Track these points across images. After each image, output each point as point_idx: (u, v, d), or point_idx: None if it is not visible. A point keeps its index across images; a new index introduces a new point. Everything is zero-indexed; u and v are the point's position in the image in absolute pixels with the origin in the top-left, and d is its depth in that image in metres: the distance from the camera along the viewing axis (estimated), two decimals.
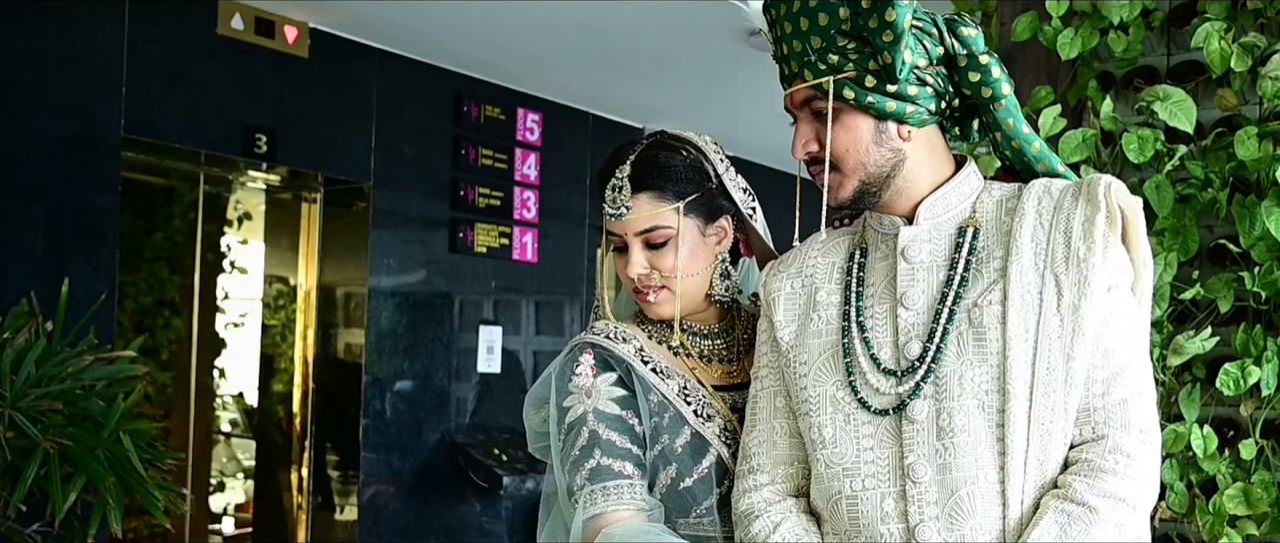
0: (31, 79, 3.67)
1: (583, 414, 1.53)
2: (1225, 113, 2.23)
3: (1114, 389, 1.31)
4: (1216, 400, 2.16)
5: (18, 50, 3.64)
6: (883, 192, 1.42)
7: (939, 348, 1.34)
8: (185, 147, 4.22)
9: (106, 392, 3.36)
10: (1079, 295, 1.30)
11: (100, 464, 3.18)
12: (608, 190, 1.57)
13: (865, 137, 1.39)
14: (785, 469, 1.47)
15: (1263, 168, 2.12)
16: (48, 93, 3.73)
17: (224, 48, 4.21)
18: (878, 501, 1.35)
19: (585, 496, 1.49)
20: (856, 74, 1.37)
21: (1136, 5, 2.30)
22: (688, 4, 3.90)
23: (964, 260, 1.37)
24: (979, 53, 1.39)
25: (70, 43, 3.78)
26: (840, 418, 1.39)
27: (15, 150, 3.64)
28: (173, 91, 4.08)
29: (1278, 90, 2.10)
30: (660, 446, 1.53)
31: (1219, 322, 2.15)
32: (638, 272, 1.57)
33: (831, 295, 1.46)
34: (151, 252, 5.34)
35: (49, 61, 3.73)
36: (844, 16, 1.36)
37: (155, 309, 5.40)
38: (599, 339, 1.58)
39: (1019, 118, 1.41)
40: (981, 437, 1.31)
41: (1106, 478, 1.27)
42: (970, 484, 1.31)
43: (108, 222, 3.89)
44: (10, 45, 3.62)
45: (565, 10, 4.08)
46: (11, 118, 3.63)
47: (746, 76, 4.76)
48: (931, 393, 1.34)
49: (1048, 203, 1.37)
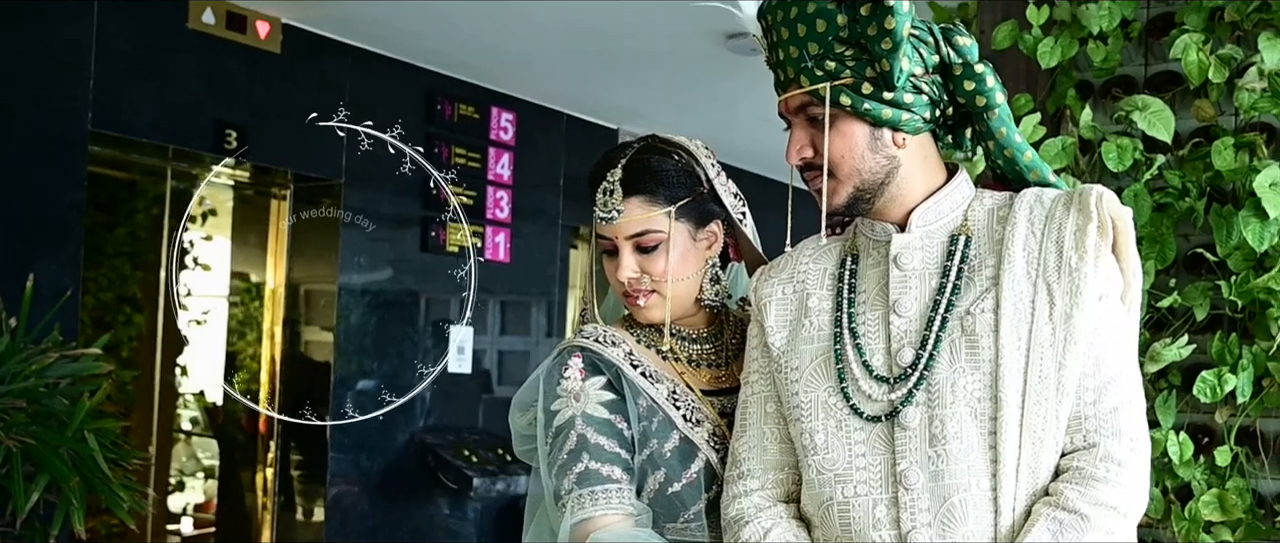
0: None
1: (571, 418, 1.52)
2: (1202, 123, 2.26)
3: (1105, 398, 1.32)
4: (1192, 407, 2.19)
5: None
6: (877, 198, 1.42)
7: (932, 355, 1.35)
8: (154, 142, 4.16)
9: (71, 390, 3.30)
10: (1071, 304, 1.31)
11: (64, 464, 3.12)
12: (599, 193, 1.56)
13: (861, 143, 1.39)
14: (775, 475, 1.47)
15: (1239, 178, 2.15)
16: (14, 86, 3.65)
17: (195, 42, 4.15)
18: (870, 507, 1.35)
19: (573, 500, 1.48)
20: (853, 81, 1.37)
21: (1116, 16, 2.32)
22: (666, 5, 3.90)
23: (956, 268, 1.38)
24: (974, 62, 1.40)
25: (38, 36, 3.71)
26: (832, 424, 1.39)
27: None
28: (142, 86, 4.02)
29: (1254, 102, 2.13)
30: (649, 450, 1.53)
31: (1195, 329, 2.18)
32: (628, 276, 1.56)
33: (823, 302, 1.46)
34: (113, 247, 5.26)
35: (16, 54, 3.66)
36: (842, 24, 1.36)
37: (116, 306, 5.32)
38: (588, 343, 1.57)
39: (1012, 127, 1.42)
40: (974, 444, 1.31)
41: (1098, 486, 1.28)
42: (963, 491, 1.31)
43: (73, 217, 3.82)
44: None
45: (541, 9, 4.07)
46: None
47: (724, 80, 4.76)
48: (924, 400, 1.34)
49: (1039, 212, 1.37)
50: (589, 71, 4.81)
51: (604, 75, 4.83)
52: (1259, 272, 2.07)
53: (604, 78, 4.87)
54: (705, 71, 4.69)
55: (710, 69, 4.63)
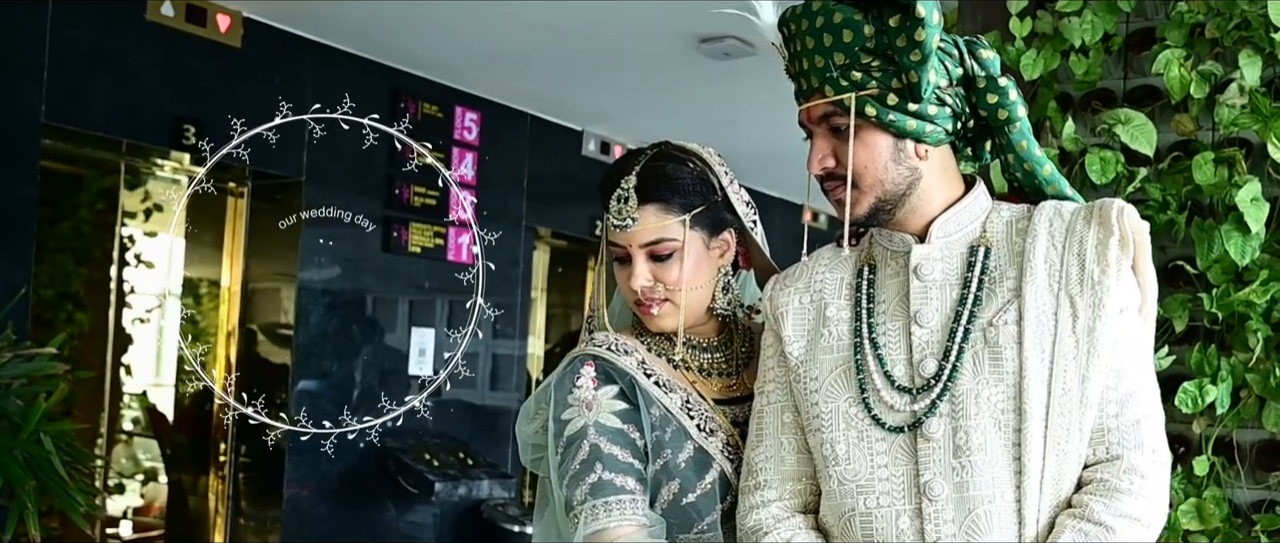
0: None
1: (583, 428, 1.50)
2: (1181, 137, 2.30)
3: (1127, 410, 1.34)
4: (1169, 417, 2.22)
5: None
6: (898, 209, 1.42)
7: (955, 366, 1.35)
8: (108, 136, 4.05)
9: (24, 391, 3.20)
10: (1094, 317, 1.33)
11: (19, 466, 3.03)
12: (613, 201, 1.54)
13: (884, 154, 1.40)
14: (793, 485, 1.46)
15: (1218, 192, 2.20)
16: None
17: (153, 35, 4.06)
18: (893, 518, 1.35)
19: (586, 511, 1.46)
20: (879, 91, 1.37)
21: (1098, 29, 2.36)
22: (638, 6, 3.88)
23: (977, 279, 1.39)
24: (997, 75, 1.41)
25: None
26: (853, 435, 1.39)
27: None
28: (98, 79, 3.92)
29: (1235, 118, 2.18)
30: (662, 460, 1.51)
31: (1173, 340, 2.22)
32: (641, 284, 1.55)
33: (841, 311, 1.46)
34: (56, 243, 5.11)
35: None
36: (869, 34, 1.36)
37: (57, 303, 5.17)
38: (601, 351, 1.55)
39: (1032, 141, 1.44)
40: (998, 455, 1.32)
41: (1123, 498, 1.30)
42: (988, 503, 1.32)
43: (25, 212, 3.71)
44: None
45: (509, 8, 4.03)
46: None
47: (696, 83, 4.75)
48: (948, 411, 1.35)
49: (1059, 225, 1.39)
50: (556, 72, 4.78)
51: (571, 76, 4.81)
52: (1239, 285, 2.12)
53: (571, 79, 4.84)
54: (677, 75, 4.68)
55: (682, 72, 4.62)
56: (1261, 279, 2.07)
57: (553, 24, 4.17)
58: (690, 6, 3.83)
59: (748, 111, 5.04)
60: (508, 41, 4.44)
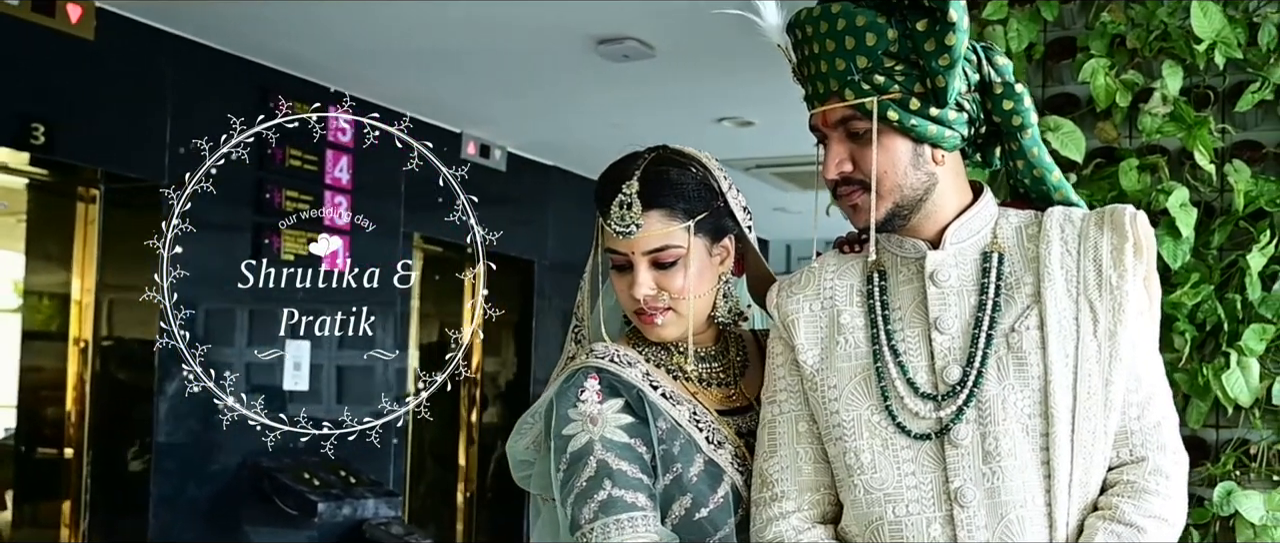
0: None
1: (588, 443, 1.44)
2: (1104, 144, 2.40)
3: (1148, 413, 1.37)
4: None
5: None
6: (913, 214, 1.41)
7: (980, 372, 1.35)
8: None
9: None
10: (1115, 321, 1.35)
11: None
12: (614, 207, 1.48)
13: (904, 159, 1.38)
14: (811, 495, 1.43)
15: (1143, 197, 2.29)
16: None
17: None
18: (924, 526, 1.34)
19: (598, 529, 1.40)
20: (901, 96, 1.35)
21: (1024, 38, 2.43)
22: (529, 6, 3.78)
23: (995, 285, 1.39)
24: (1012, 82, 1.41)
25: None
26: (877, 443, 1.37)
27: None
28: None
29: (1159, 125, 2.28)
30: (672, 475, 1.46)
31: None
32: (644, 292, 1.49)
33: (855, 318, 1.43)
34: None
35: None
36: (893, 38, 1.34)
37: None
38: (604, 363, 1.48)
39: (1042, 147, 1.45)
40: (1027, 460, 1.33)
41: (1151, 499, 1.32)
42: (1019, 507, 1.32)
43: None
44: None
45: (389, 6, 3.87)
46: None
47: (588, 86, 4.67)
48: (975, 417, 1.34)
49: (1071, 230, 1.40)
50: (435, 71, 4.61)
51: (451, 76, 4.65)
52: (1167, 288, 2.21)
53: (451, 79, 4.69)
54: (567, 77, 4.58)
55: (573, 74, 4.53)
56: (1192, 282, 2.16)
57: (429, 21, 4.01)
58: (589, 6, 3.76)
59: (638, 116, 4.99)
60: (382, 39, 4.26)
